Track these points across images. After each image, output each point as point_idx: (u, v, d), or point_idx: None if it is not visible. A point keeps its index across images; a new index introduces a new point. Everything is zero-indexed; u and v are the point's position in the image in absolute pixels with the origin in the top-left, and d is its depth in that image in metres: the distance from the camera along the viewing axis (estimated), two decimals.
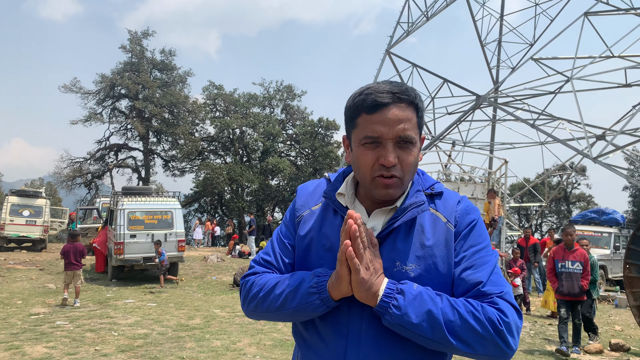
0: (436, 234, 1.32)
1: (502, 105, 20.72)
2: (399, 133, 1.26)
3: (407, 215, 1.31)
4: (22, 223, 19.40)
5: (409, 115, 1.28)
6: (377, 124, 1.26)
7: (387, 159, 1.26)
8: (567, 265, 7.05)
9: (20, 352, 6.01)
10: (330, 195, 1.41)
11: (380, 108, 1.27)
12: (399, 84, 1.32)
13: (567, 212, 42.67)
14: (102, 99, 33.86)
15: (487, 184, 15.03)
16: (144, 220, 12.55)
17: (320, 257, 1.37)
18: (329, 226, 1.39)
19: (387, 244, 1.31)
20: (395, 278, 1.27)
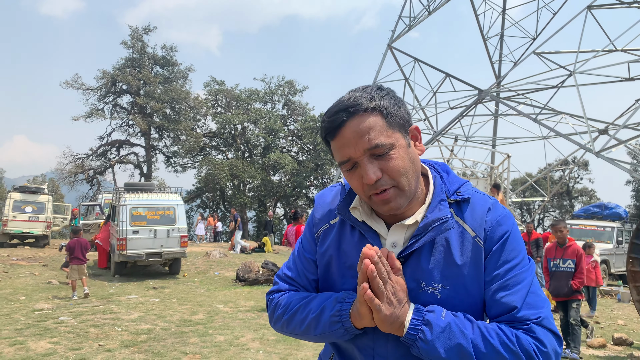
0: (464, 250, 1.21)
1: (505, 100, 20.66)
2: (365, 146, 1.16)
3: (429, 235, 1.21)
4: (25, 219, 19.46)
5: (370, 123, 1.16)
6: (342, 148, 1.19)
7: (367, 178, 1.17)
8: (559, 264, 6.60)
9: (25, 347, 6.03)
10: (343, 212, 1.32)
11: (337, 131, 1.19)
12: (354, 93, 1.21)
13: (569, 207, 42.63)
14: (104, 95, 33.89)
15: (489, 178, 15.00)
16: (147, 216, 12.56)
17: (342, 276, 1.31)
18: (347, 243, 1.31)
19: (411, 263, 1.22)
20: (420, 300, 1.20)
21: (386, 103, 1.20)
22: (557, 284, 6.54)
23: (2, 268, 13.63)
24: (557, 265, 6.58)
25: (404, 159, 1.19)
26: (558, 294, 6.57)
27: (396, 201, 1.19)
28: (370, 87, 1.24)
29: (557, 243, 6.68)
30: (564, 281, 6.48)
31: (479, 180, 15.02)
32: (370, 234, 1.27)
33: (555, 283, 6.58)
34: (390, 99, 1.22)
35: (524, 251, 1.25)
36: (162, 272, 13.97)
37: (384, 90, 1.24)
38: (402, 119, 1.22)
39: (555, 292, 6.59)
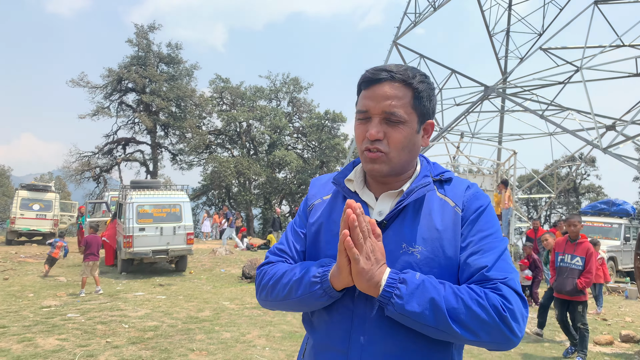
0: (444, 217, 1.33)
1: (511, 96, 20.56)
2: (385, 108, 1.29)
3: (413, 196, 1.32)
4: (33, 217, 19.60)
5: (400, 94, 1.30)
6: (367, 99, 1.32)
7: (370, 132, 1.30)
8: (566, 260, 6.22)
9: (33, 344, 6.08)
10: (339, 181, 1.44)
11: (372, 84, 1.32)
12: (405, 67, 1.35)
13: (576, 204, 42.40)
14: (110, 93, 33.96)
15: (495, 175, 14.95)
16: (153, 213, 12.60)
17: (328, 242, 1.39)
18: (338, 212, 1.41)
19: (394, 227, 1.33)
20: (401, 260, 1.29)
21: (422, 88, 1.34)
22: (561, 280, 6.20)
23: (11, 265, 13.73)
24: (564, 261, 6.24)
25: (407, 137, 1.32)
26: (561, 290, 6.23)
27: (381, 166, 1.32)
28: (419, 70, 1.37)
29: (569, 237, 6.31)
30: (569, 278, 6.12)
31: (485, 177, 14.97)
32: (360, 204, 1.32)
33: (559, 279, 6.24)
34: (428, 89, 1.36)
35: (498, 227, 1.36)
36: (169, 269, 14.02)
37: (427, 79, 1.37)
38: (426, 109, 1.36)
39: (558, 287, 6.27)
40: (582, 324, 6.11)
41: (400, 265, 1.29)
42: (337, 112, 36.76)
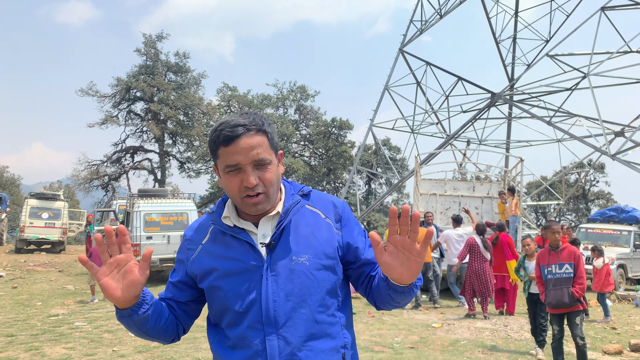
0: (318, 226, 1.57)
1: (518, 103, 20.50)
2: (253, 157, 1.46)
3: (291, 214, 1.54)
4: (42, 225, 19.76)
5: (260, 141, 1.48)
6: (234, 154, 1.46)
7: (248, 181, 1.46)
8: (554, 270, 5.64)
9: (40, 353, 6.11)
10: (217, 221, 1.58)
11: (232, 141, 1.46)
12: (248, 115, 1.53)
13: (585, 210, 42.08)
14: (118, 102, 34.26)
15: (503, 182, 14.88)
16: (160, 222, 12.67)
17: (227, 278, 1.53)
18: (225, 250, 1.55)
19: (281, 244, 1.52)
20: (295, 270, 1.49)
21: (270, 130, 1.54)
22: (556, 293, 5.58)
23: (20, 274, 13.84)
24: (552, 272, 5.66)
25: (274, 173, 1.52)
26: (558, 304, 5.58)
27: (263, 204, 1.51)
28: (256, 114, 1.55)
29: (550, 247, 5.78)
30: (563, 289, 5.58)
31: (492, 184, 14.91)
32: (242, 234, 1.53)
33: (553, 292, 5.61)
34: (272, 127, 1.57)
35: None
36: None
37: (268, 120, 1.57)
38: (276, 144, 1.57)
39: (554, 302, 5.60)
40: (580, 339, 5.63)
41: (295, 275, 1.48)
42: (344, 120, 36.84)
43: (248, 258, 1.50)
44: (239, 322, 1.49)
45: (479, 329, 8.12)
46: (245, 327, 1.48)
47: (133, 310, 1.47)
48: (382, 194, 35.39)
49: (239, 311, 1.49)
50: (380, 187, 42.65)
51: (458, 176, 23.74)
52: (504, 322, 8.64)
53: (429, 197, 14.10)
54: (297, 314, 1.47)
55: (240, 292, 1.48)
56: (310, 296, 1.48)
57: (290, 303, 1.47)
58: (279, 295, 1.46)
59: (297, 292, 1.47)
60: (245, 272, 1.49)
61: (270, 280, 1.47)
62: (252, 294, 1.47)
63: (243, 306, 1.48)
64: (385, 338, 7.23)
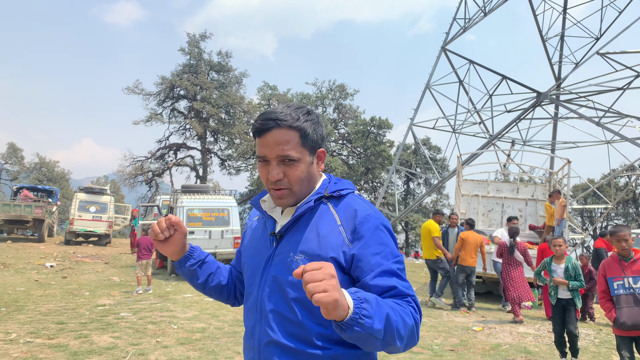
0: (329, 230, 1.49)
1: (565, 103, 19.84)
2: (278, 153, 1.47)
3: (298, 211, 1.52)
4: (89, 219, 20.51)
5: (289, 138, 1.47)
6: (262, 147, 1.49)
7: (272, 176, 1.48)
8: (629, 284, 4.74)
9: (89, 340, 6.35)
10: (255, 202, 1.68)
11: (262, 133, 1.48)
12: (289, 107, 1.52)
13: (635, 215, 40.32)
14: (162, 100, 35.19)
15: (548, 184, 14.43)
16: (202, 217, 12.93)
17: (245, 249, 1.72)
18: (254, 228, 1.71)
19: (287, 237, 1.53)
20: (287, 267, 1.48)
21: (307, 126, 1.50)
22: (632, 312, 4.66)
23: (69, 264, 14.41)
24: (624, 287, 4.75)
25: (303, 172, 1.51)
26: (635, 324, 4.64)
27: (287, 199, 1.53)
28: (301, 108, 1.53)
29: (620, 256, 4.88)
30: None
31: (537, 186, 14.48)
32: (270, 220, 1.62)
33: (628, 311, 4.68)
34: (312, 123, 1.53)
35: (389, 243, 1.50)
36: None
37: (311, 114, 1.54)
38: (314, 142, 1.53)
39: (629, 322, 4.65)
40: None
41: (285, 271, 1.48)
42: (383, 119, 36.60)
43: (264, 245, 1.59)
44: (247, 300, 1.63)
45: (522, 334, 7.91)
46: (247, 306, 1.62)
47: (181, 263, 1.70)
48: (422, 194, 34.95)
49: (248, 290, 1.63)
50: (418, 187, 42.15)
51: (501, 177, 23.20)
52: (548, 329, 8.39)
53: (470, 199, 13.83)
54: (280, 309, 1.48)
55: (252, 273, 1.61)
56: (296, 297, 1.45)
57: (275, 297, 1.50)
58: (267, 285, 1.53)
59: (282, 288, 1.48)
60: (258, 257, 1.59)
61: (267, 270, 1.54)
62: (256, 278, 1.58)
63: (250, 288, 1.60)
64: (425, 340, 7.15)
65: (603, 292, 4.90)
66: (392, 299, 1.39)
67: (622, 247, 4.80)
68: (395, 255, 1.47)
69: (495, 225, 13.41)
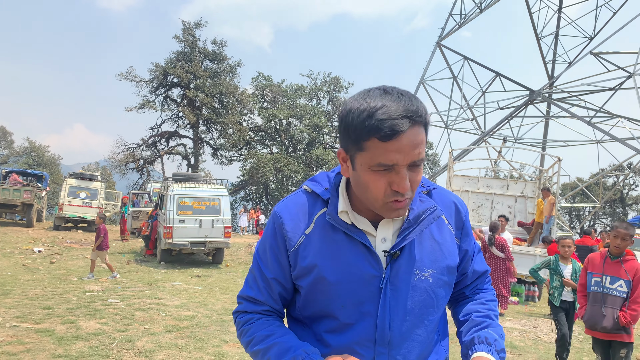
0: (443, 235, 1.36)
1: (557, 101, 19.97)
2: (414, 158, 1.16)
3: (424, 224, 1.30)
4: (79, 204, 20.38)
5: (423, 138, 1.17)
6: (393, 152, 1.14)
7: (403, 186, 1.17)
8: (605, 283, 4.49)
9: (76, 326, 6.35)
10: (333, 216, 1.30)
11: (397, 135, 1.13)
12: (411, 100, 1.16)
13: (622, 215, 40.77)
14: (156, 87, 34.92)
15: (538, 182, 14.55)
16: (193, 206, 12.90)
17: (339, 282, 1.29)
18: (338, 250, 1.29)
19: (404, 255, 1.29)
20: (417, 287, 1.30)
21: (429, 119, 1.21)
22: (595, 312, 4.48)
23: (57, 250, 14.35)
24: (600, 285, 4.50)
25: (421, 175, 1.25)
26: (595, 325, 4.48)
27: (405, 210, 1.24)
28: (417, 98, 1.20)
29: (609, 254, 4.54)
30: (608, 309, 4.42)
31: (527, 183, 14.60)
32: (359, 234, 1.28)
33: (593, 309, 4.51)
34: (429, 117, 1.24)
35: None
36: (206, 261, 14.33)
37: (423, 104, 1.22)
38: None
39: (591, 322, 4.52)
40: None
41: (416, 292, 1.29)
42: None
43: (365, 265, 1.27)
44: (343, 332, 1.30)
45: (508, 329, 8.02)
46: (352, 342, 1.29)
47: None
48: None
49: (344, 322, 1.29)
50: None
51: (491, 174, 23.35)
52: (534, 324, 8.50)
53: (461, 194, 13.91)
54: (414, 335, 1.31)
55: (350, 302, 1.28)
56: (429, 316, 1.33)
57: (408, 324, 1.29)
58: (397, 313, 1.28)
59: (417, 311, 1.30)
60: (359, 281, 1.27)
61: (390, 295, 1.27)
62: (365, 306, 1.27)
63: (352, 318, 1.28)
64: None
65: (582, 286, 4.74)
66: (485, 292, 1.52)
67: (616, 244, 4.46)
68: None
69: (484, 221, 13.51)
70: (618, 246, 4.44)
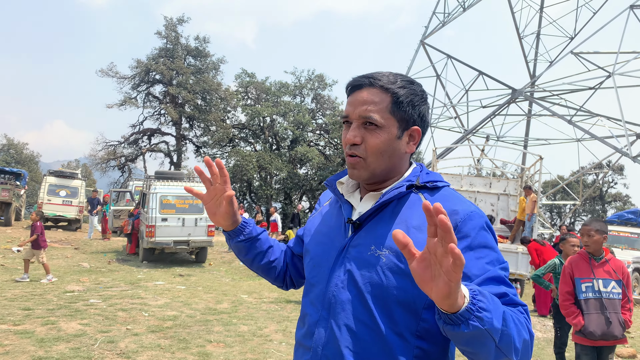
0: (422, 226, 1.23)
1: (539, 100, 20.22)
2: (361, 113, 1.29)
3: (385, 197, 1.31)
4: (59, 203, 20.04)
5: (377, 99, 1.30)
6: (348, 104, 1.34)
7: (347, 136, 1.32)
8: (598, 287, 4.15)
9: (56, 327, 6.23)
10: (330, 183, 1.48)
11: (353, 90, 1.34)
12: (391, 73, 1.35)
13: (602, 212, 41.54)
14: (137, 84, 34.47)
15: (520, 180, 14.72)
16: (176, 204, 12.78)
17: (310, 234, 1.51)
18: (328, 213, 1.50)
19: (368, 227, 1.32)
20: (369, 262, 1.26)
21: (403, 93, 1.31)
22: (600, 319, 4.09)
23: None
24: (593, 290, 4.15)
25: (384, 142, 1.30)
26: (606, 335, 4.06)
27: (360, 171, 1.33)
28: (404, 76, 1.36)
29: (590, 255, 4.26)
30: (613, 314, 4.09)
31: (509, 181, 14.75)
32: (345, 205, 1.41)
33: (597, 318, 4.10)
34: (411, 94, 1.33)
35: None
36: (189, 260, 14.20)
37: (414, 85, 1.35)
38: (408, 115, 1.33)
39: (599, 332, 4.07)
40: None
41: (366, 267, 1.26)
42: None
43: (338, 233, 1.38)
44: (308, 291, 1.42)
45: None
46: (308, 301, 1.39)
47: (230, 236, 1.56)
48: None
49: (310, 282, 1.42)
50: None
51: (474, 172, 23.55)
52: None
53: None
54: (353, 309, 1.27)
55: (317, 263, 1.40)
56: (374, 298, 1.24)
57: (349, 294, 1.28)
58: (341, 280, 1.30)
59: (363, 287, 1.26)
60: (328, 245, 1.39)
61: (340, 262, 1.32)
62: (322, 269, 1.37)
63: (314, 279, 1.39)
64: None
65: (568, 294, 4.28)
66: None
67: (583, 241, 4.26)
68: (501, 262, 1.22)
69: None
70: (586, 243, 4.23)
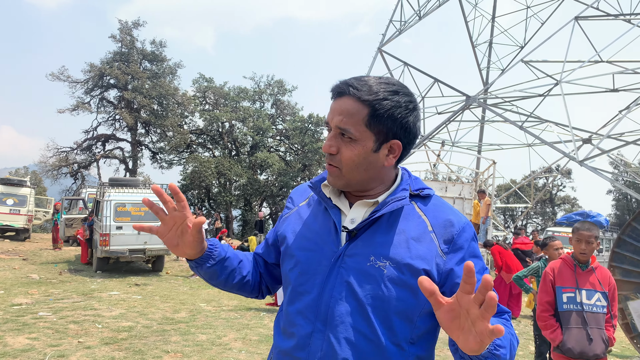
0: (420, 238, 1.28)
1: (491, 107, 20.86)
2: (337, 124, 1.27)
3: (388, 208, 1.28)
4: (6, 212, 19.16)
5: (353, 111, 1.25)
6: (329, 111, 1.31)
7: (324, 144, 1.31)
8: (581, 299, 3.59)
9: (2, 342, 5.94)
10: (316, 186, 1.41)
11: (335, 97, 1.31)
12: (376, 81, 1.29)
13: (552, 214, 43.20)
14: (91, 89, 33.46)
15: (474, 184, 15.13)
16: (131, 212, 12.45)
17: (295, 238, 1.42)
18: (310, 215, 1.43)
19: (365, 237, 1.29)
20: (369, 274, 1.25)
21: (382, 105, 1.25)
22: (580, 335, 3.52)
23: None
24: (575, 301, 3.59)
25: (359, 156, 1.28)
26: (584, 353, 3.48)
27: (335, 179, 1.33)
28: (391, 85, 1.29)
29: (577, 262, 3.69)
30: (594, 330, 3.51)
31: (464, 185, 15.14)
32: (333, 210, 1.36)
33: (577, 334, 3.53)
34: (394, 107, 1.27)
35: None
36: (145, 269, 13.85)
37: (398, 96, 1.28)
38: (387, 128, 1.28)
39: (578, 349, 3.49)
40: None
41: (366, 279, 1.25)
42: (321, 116, 36.82)
43: (327, 239, 1.33)
44: (295, 300, 1.34)
45: None
46: (297, 311, 1.32)
47: (198, 264, 1.42)
48: None
49: (297, 290, 1.34)
50: None
51: (431, 177, 24.03)
52: None
53: None
54: (353, 321, 1.25)
55: (306, 270, 1.33)
56: (375, 309, 1.24)
57: (347, 306, 1.26)
58: (338, 291, 1.27)
59: (363, 299, 1.25)
60: (317, 252, 1.33)
61: (336, 271, 1.28)
62: (316, 277, 1.31)
63: (303, 287, 1.33)
64: None
65: (548, 304, 3.72)
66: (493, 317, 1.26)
67: (581, 249, 3.64)
68: (485, 269, 1.30)
69: None
70: (584, 251, 3.62)
